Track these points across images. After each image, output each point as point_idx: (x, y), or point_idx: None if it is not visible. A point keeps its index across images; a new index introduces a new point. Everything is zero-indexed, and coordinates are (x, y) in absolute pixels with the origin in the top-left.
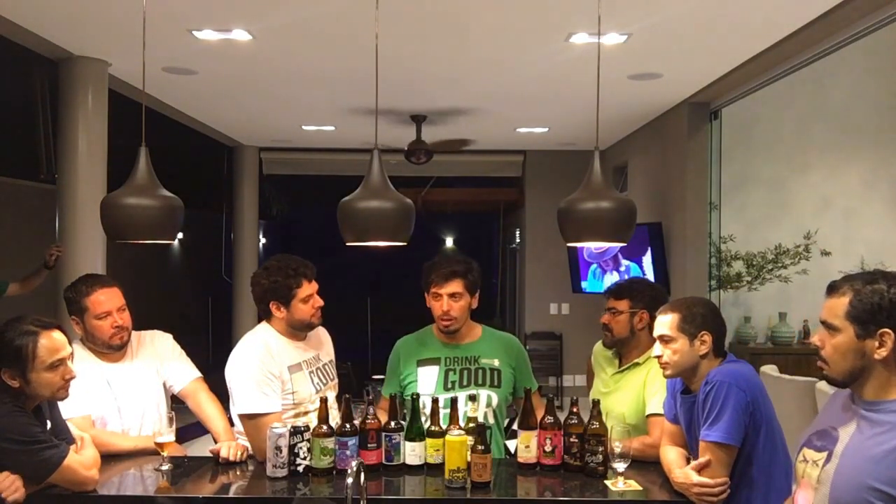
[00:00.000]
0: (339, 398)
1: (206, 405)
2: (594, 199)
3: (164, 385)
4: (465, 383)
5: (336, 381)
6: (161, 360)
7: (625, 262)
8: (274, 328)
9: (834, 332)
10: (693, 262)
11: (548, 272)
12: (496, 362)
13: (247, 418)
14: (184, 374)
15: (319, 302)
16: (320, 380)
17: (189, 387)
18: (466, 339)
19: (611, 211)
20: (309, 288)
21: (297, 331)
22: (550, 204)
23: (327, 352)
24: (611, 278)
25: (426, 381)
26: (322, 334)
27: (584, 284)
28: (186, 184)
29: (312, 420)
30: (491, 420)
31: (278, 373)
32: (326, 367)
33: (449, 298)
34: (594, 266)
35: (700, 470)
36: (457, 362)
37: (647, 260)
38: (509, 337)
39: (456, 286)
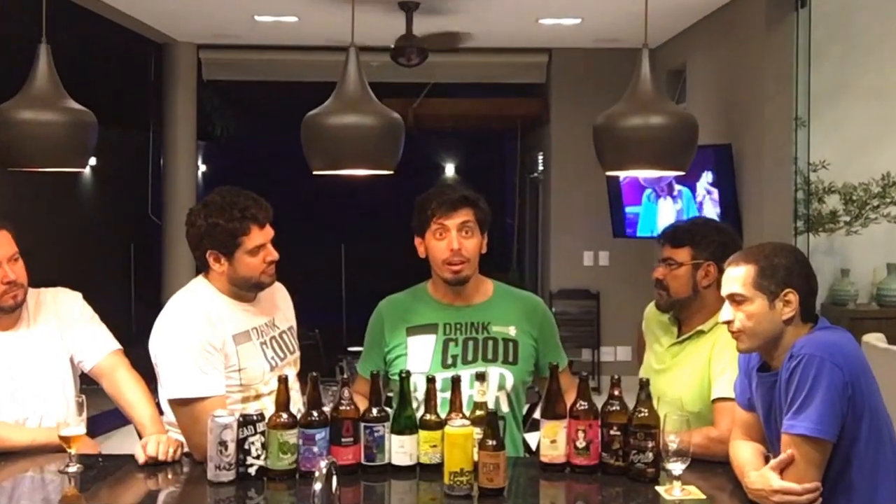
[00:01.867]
0: (303, 377)
1: (126, 387)
2: (642, 114)
3: (72, 360)
4: (470, 358)
5: (298, 354)
6: (67, 327)
7: (678, 187)
8: (213, 285)
9: None
10: (772, 197)
11: (581, 210)
12: (512, 331)
13: (180, 404)
14: (97, 345)
15: (273, 255)
16: (276, 353)
17: (104, 362)
18: (473, 300)
19: (664, 129)
20: (260, 236)
21: (242, 290)
22: (584, 120)
23: (285, 316)
24: (666, 207)
25: (419, 356)
26: (278, 293)
27: (633, 211)
28: (101, 93)
29: (268, 407)
30: (504, 408)
31: (220, 344)
32: (284, 336)
33: (458, 233)
34: (649, 191)
35: (782, 470)
36: (460, 330)
37: (700, 188)
38: (530, 297)
39: (466, 215)
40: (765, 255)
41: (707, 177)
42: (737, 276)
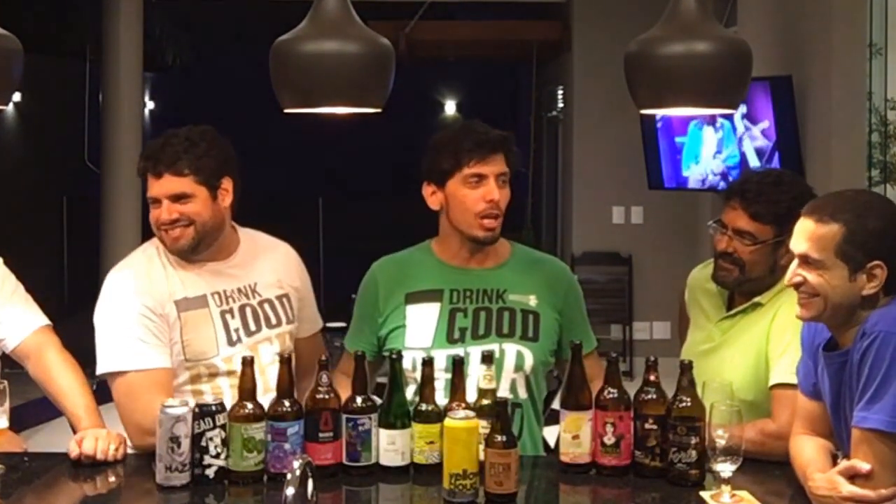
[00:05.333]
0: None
1: (57, 371)
2: (684, 40)
3: None
4: (481, 332)
5: (289, 328)
6: None
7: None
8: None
9: None
10: (842, 140)
11: (609, 157)
12: (532, 300)
13: (115, 379)
14: (21, 321)
15: (163, 217)
16: (244, 325)
17: (30, 342)
18: (486, 262)
19: (710, 58)
20: (154, 186)
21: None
22: (614, 47)
23: (279, 283)
24: (711, 139)
25: (420, 329)
26: (272, 254)
27: (681, 141)
28: (27, 16)
29: (225, 391)
30: (522, 394)
31: (160, 309)
32: (267, 305)
33: (496, 181)
34: (695, 123)
35: (853, 476)
36: (469, 298)
37: (740, 123)
38: (553, 261)
39: (504, 163)
40: (857, 213)
41: (741, 109)
42: (816, 236)
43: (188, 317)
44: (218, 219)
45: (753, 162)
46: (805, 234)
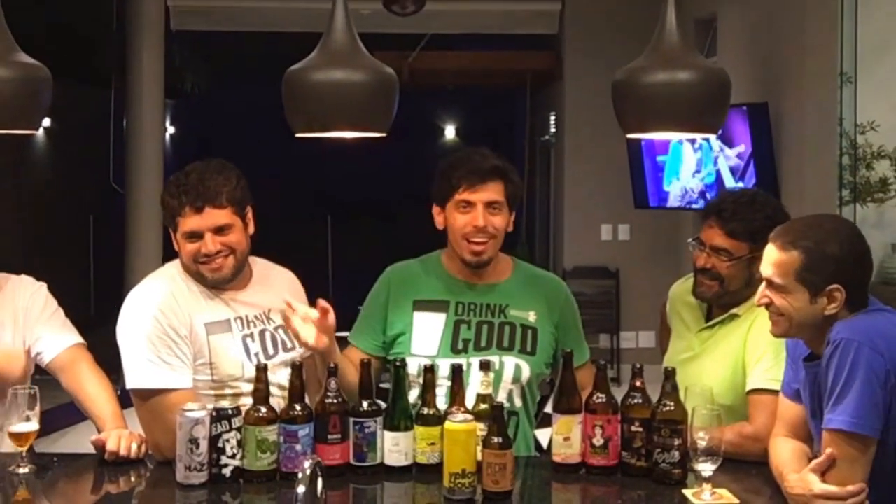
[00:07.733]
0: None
1: (87, 381)
2: (667, 69)
3: (29, 354)
4: (483, 344)
5: (299, 352)
6: (26, 319)
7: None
8: (186, 269)
9: None
10: (814, 163)
11: (598, 178)
12: (532, 316)
13: (139, 397)
14: (57, 338)
15: (207, 248)
16: (264, 349)
17: (64, 356)
18: (490, 278)
19: (692, 86)
20: (194, 221)
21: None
22: (602, 76)
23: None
24: (690, 158)
25: (425, 337)
26: (281, 282)
27: (662, 160)
28: (56, 45)
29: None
30: (517, 402)
31: (186, 330)
32: (282, 330)
33: (486, 209)
34: (675, 143)
35: (825, 472)
36: (473, 311)
37: (716, 143)
38: (552, 279)
39: (496, 191)
40: (816, 240)
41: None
42: (778, 262)
43: (216, 340)
44: (248, 247)
45: (728, 179)
46: (769, 260)
